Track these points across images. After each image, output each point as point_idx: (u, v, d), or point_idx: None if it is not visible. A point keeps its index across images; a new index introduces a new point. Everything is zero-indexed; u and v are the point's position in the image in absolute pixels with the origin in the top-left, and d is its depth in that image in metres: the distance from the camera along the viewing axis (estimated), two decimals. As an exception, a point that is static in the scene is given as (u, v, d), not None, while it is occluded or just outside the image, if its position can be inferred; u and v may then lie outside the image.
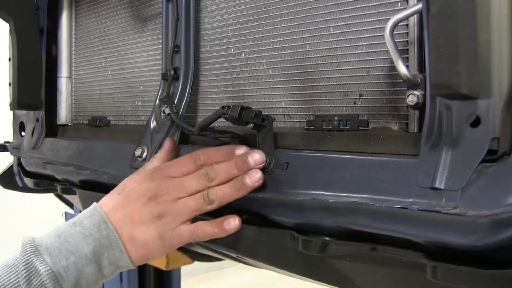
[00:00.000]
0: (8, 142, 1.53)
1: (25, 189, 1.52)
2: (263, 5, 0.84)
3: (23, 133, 1.46)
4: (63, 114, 1.36)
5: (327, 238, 0.67)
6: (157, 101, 0.97)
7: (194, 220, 0.72)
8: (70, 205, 1.83)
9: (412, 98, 0.60)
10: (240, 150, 0.73)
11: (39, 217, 2.66)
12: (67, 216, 1.85)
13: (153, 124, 0.96)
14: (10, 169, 1.55)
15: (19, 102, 1.26)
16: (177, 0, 0.94)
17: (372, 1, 0.69)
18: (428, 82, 0.56)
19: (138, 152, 0.95)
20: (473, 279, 0.54)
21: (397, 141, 0.65)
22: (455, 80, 0.50)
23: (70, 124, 1.36)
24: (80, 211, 0.94)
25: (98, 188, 1.09)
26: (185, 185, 0.71)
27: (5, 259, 0.65)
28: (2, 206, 2.96)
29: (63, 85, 1.36)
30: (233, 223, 0.71)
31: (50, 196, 1.70)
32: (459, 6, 0.49)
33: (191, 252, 1.54)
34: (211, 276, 3.80)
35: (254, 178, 0.69)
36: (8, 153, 1.50)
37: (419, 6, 0.57)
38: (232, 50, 0.90)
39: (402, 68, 0.59)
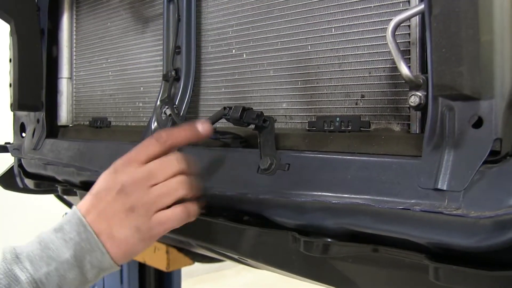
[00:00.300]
0: (9, 143, 1.53)
1: (25, 190, 1.52)
2: (265, 6, 0.84)
3: (23, 134, 1.46)
4: (64, 115, 1.36)
5: (329, 240, 0.67)
6: (158, 102, 0.97)
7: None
8: (70, 206, 1.82)
9: (414, 99, 0.60)
10: (202, 124, 0.72)
11: (39, 218, 2.65)
12: (68, 217, 1.84)
13: (154, 125, 0.96)
14: (10, 170, 1.54)
15: (20, 103, 1.26)
16: (178, 1, 0.94)
17: (374, 2, 0.69)
18: (430, 83, 0.56)
19: (139, 153, 0.95)
20: (475, 281, 0.54)
21: (399, 142, 0.65)
22: (457, 81, 0.50)
23: (70, 125, 1.36)
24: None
25: (99, 189, 1.09)
26: (153, 172, 0.69)
27: None
28: (2, 207, 2.96)
29: (64, 86, 1.36)
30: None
31: (51, 197, 1.70)
32: (461, 7, 0.49)
33: (191, 253, 1.54)
34: (212, 277, 3.80)
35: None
36: (9, 154, 1.50)
37: (421, 7, 0.57)
38: (234, 51, 0.90)
39: (404, 69, 0.59)
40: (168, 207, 0.69)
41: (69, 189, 1.24)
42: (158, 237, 0.70)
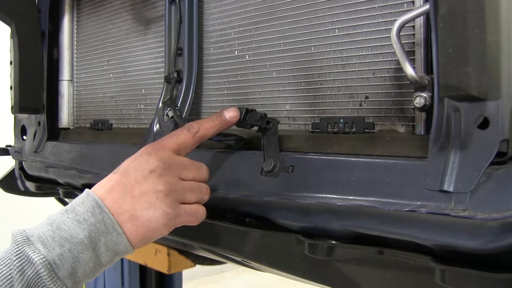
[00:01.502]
0: (10, 145, 1.52)
1: (26, 193, 1.51)
2: (267, 7, 0.83)
3: (24, 137, 1.45)
4: (65, 118, 1.35)
5: (334, 242, 0.66)
6: (160, 104, 0.96)
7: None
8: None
9: (419, 100, 0.59)
10: (229, 112, 0.74)
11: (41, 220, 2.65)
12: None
13: (156, 127, 0.96)
14: (11, 173, 1.54)
15: (20, 106, 1.26)
16: (180, 2, 0.93)
17: (378, 2, 0.68)
18: (436, 84, 0.55)
19: (141, 155, 0.94)
20: (481, 283, 0.53)
21: (403, 144, 0.65)
22: (464, 82, 0.49)
23: (72, 128, 1.36)
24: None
25: (100, 191, 1.08)
26: (186, 167, 0.71)
27: None
28: (3, 209, 2.95)
29: (65, 88, 1.35)
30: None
31: (52, 200, 1.70)
32: (468, 7, 0.49)
33: (192, 255, 1.54)
34: (212, 279, 3.79)
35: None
36: (10, 156, 1.49)
37: (427, 7, 0.57)
38: (236, 52, 0.89)
39: (409, 70, 0.58)
40: None
41: (71, 191, 1.23)
42: (178, 226, 0.69)
